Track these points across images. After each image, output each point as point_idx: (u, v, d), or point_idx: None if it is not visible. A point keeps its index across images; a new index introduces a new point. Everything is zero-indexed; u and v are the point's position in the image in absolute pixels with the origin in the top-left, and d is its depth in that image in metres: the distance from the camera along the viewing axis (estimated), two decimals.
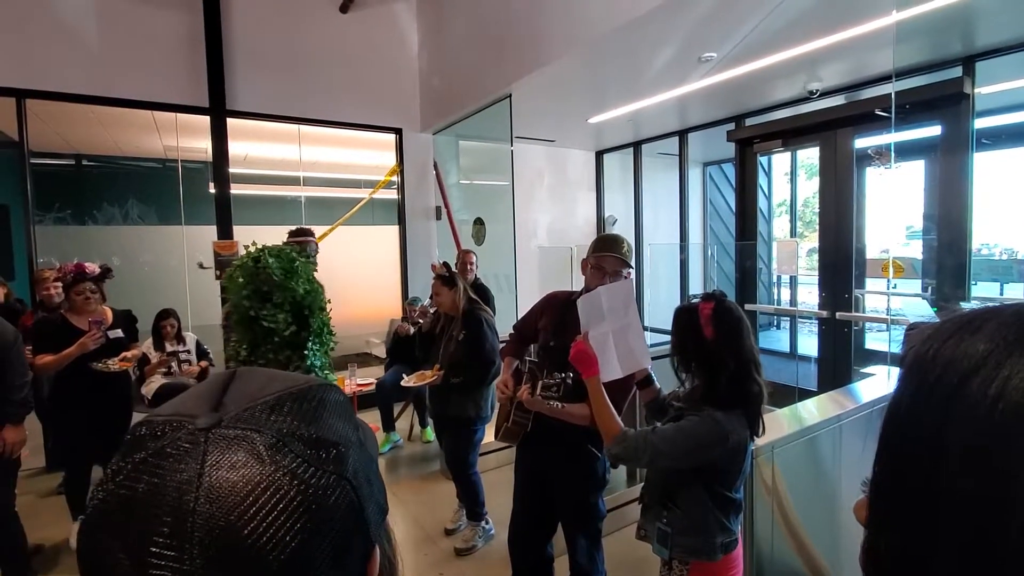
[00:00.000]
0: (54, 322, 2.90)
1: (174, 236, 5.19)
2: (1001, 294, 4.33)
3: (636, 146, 6.76)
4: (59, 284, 3.39)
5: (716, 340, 1.46)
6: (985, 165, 3.87)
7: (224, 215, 4.99)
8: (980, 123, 3.77)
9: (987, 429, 0.31)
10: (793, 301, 6.74)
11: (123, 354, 2.96)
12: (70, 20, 4.33)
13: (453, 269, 3.03)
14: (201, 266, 5.08)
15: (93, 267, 2.92)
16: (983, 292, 4.12)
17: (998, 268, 4.47)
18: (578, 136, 6.51)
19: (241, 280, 2.70)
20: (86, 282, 2.87)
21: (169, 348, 4.11)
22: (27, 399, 2.42)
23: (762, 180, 6.50)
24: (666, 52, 3.81)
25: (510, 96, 4.63)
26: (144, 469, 0.33)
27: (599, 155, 7.33)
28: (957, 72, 3.77)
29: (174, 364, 4.08)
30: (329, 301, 2.96)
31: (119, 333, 3.00)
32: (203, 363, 4.20)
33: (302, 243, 3.25)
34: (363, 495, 0.37)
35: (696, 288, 6.39)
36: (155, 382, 3.95)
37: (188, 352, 4.19)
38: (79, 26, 4.36)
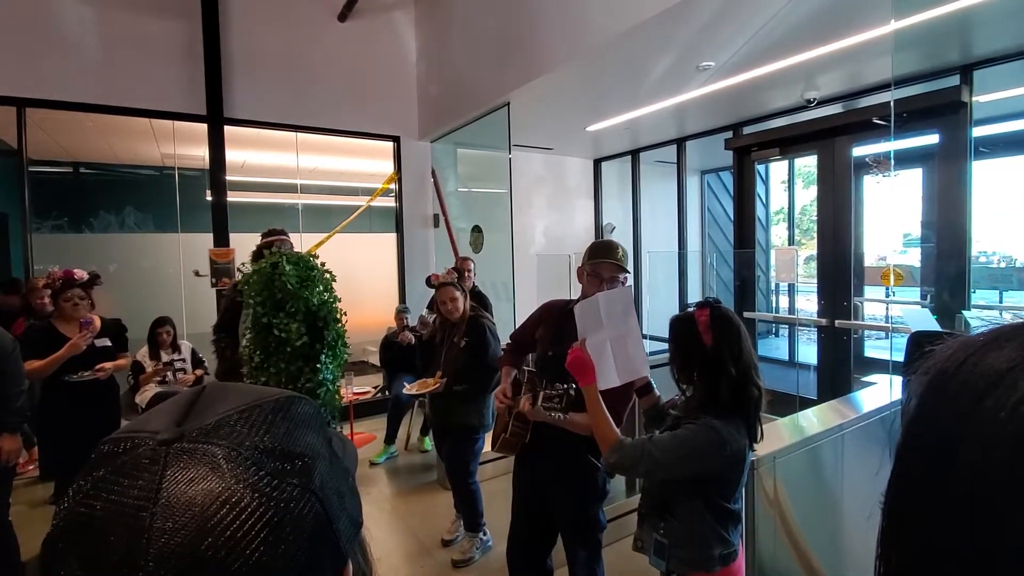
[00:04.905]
0: (43, 329, 2.87)
1: (170, 244, 5.17)
2: (1000, 302, 4.31)
3: (634, 154, 6.77)
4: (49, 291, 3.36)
5: (716, 346, 1.44)
6: (984, 173, 3.87)
7: (221, 223, 4.98)
8: (978, 131, 3.77)
9: (996, 451, 0.30)
10: (792, 309, 6.73)
11: (99, 365, 2.88)
12: (70, 29, 4.34)
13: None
14: (197, 274, 5.05)
15: (82, 273, 2.89)
16: (982, 300, 4.11)
17: (997, 276, 4.46)
18: (576, 144, 6.51)
19: (257, 286, 2.63)
20: (75, 288, 2.85)
21: (165, 357, 4.08)
22: (23, 408, 2.40)
23: (760, 188, 6.51)
24: (665, 61, 3.82)
25: (508, 104, 4.64)
26: (103, 487, 0.33)
27: (597, 163, 7.34)
28: (955, 81, 3.78)
29: (169, 374, 4.06)
30: (345, 313, 2.88)
31: (107, 342, 2.96)
32: (198, 371, 4.17)
33: (275, 243, 3.04)
34: (331, 508, 0.36)
35: (695, 296, 6.37)
36: (149, 391, 3.92)
37: (183, 361, 4.16)
38: (79, 35, 4.37)
